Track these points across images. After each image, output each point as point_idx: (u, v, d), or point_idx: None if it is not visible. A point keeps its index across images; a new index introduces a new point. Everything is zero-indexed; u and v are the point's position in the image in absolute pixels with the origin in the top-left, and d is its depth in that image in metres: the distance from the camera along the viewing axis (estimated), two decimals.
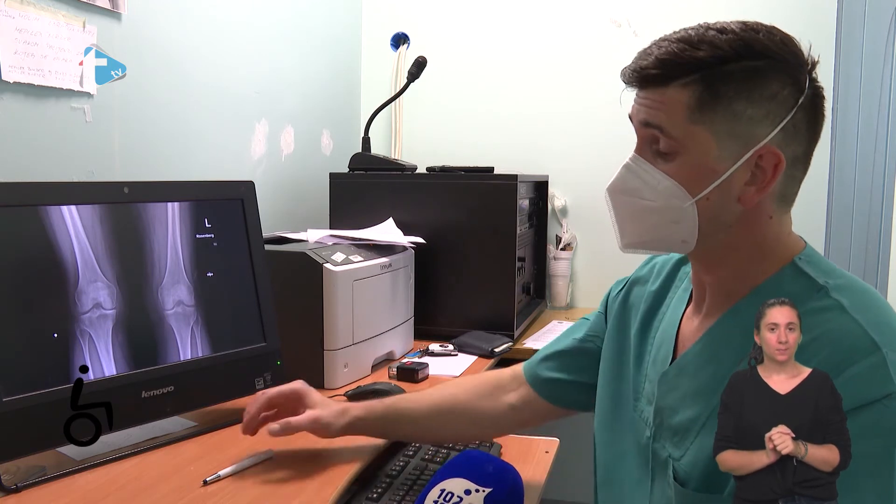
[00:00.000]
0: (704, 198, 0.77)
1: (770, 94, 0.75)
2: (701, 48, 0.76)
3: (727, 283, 0.82)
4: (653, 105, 0.78)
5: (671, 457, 0.82)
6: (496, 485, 0.82)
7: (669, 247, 0.83)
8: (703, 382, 0.81)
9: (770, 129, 0.75)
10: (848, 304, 0.73)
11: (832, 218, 2.24)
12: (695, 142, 0.76)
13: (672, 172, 0.78)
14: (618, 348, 0.98)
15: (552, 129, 2.42)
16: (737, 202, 0.78)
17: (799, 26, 2.65)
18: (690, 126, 0.76)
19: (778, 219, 0.81)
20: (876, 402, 0.67)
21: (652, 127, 0.79)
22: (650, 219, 0.80)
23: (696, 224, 0.78)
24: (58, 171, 1.30)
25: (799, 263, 0.79)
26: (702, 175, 0.77)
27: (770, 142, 0.75)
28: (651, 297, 0.96)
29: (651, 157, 0.80)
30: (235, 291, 1.26)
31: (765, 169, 0.76)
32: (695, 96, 0.75)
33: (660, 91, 0.77)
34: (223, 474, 1.01)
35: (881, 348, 0.69)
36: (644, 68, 0.78)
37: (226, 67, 1.78)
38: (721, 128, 0.75)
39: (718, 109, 0.75)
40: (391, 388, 1.37)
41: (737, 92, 0.75)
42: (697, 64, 0.75)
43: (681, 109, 0.76)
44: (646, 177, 0.79)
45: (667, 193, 0.78)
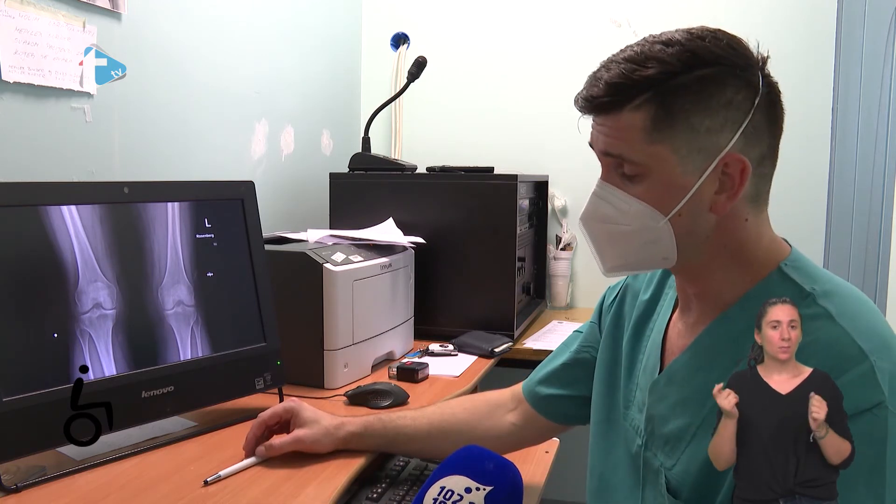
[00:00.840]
0: (676, 214, 0.77)
1: (725, 101, 0.75)
2: (648, 66, 0.74)
3: (713, 293, 0.82)
4: (610, 133, 0.78)
5: (663, 466, 0.82)
6: (497, 483, 0.81)
7: (652, 265, 0.84)
8: (694, 391, 0.81)
9: (730, 135, 0.75)
10: (835, 312, 0.73)
11: (832, 218, 2.24)
12: (658, 161, 0.76)
13: (641, 195, 0.77)
14: (611, 357, 0.98)
15: (552, 129, 2.42)
16: (709, 212, 0.78)
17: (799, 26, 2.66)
18: (650, 147, 0.75)
19: (754, 220, 0.80)
20: (866, 412, 0.66)
21: (612, 156, 0.79)
22: (627, 242, 0.80)
23: (673, 241, 0.78)
24: (58, 171, 1.30)
25: (785, 269, 0.79)
26: (671, 193, 0.76)
27: (732, 148, 0.75)
28: (642, 306, 0.96)
29: (619, 182, 0.79)
30: (235, 291, 1.26)
31: (731, 175, 0.76)
32: (650, 116, 0.74)
33: (614, 117, 0.77)
34: (224, 474, 1.01)
35: (869, 356, 0.68)
36: (595, 97, 0.77)
37: (226, 67, 1.78)
38: (681, 144, 0.75)
39: (676, 125, 0.74)
40: (391, 388, 1.36)
41: (692, 104, 0.74)
42: (647, 83, 0.74)
43: (637, 133, 0.75)
44: (616, 202, 0.79)
45: (639, 216, 0.78)
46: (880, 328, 0.73)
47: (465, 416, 1.12)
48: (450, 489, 0.80)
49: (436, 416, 1.11)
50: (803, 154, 2.23)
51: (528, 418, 1.09)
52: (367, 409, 1.33)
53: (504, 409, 1.12)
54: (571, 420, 1.08)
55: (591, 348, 1.04)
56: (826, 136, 2.23)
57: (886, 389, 0.67)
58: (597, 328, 1.04)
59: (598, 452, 0.97)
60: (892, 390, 0.67)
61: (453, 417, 1.12)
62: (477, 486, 0.80)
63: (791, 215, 2.23)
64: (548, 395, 1.08)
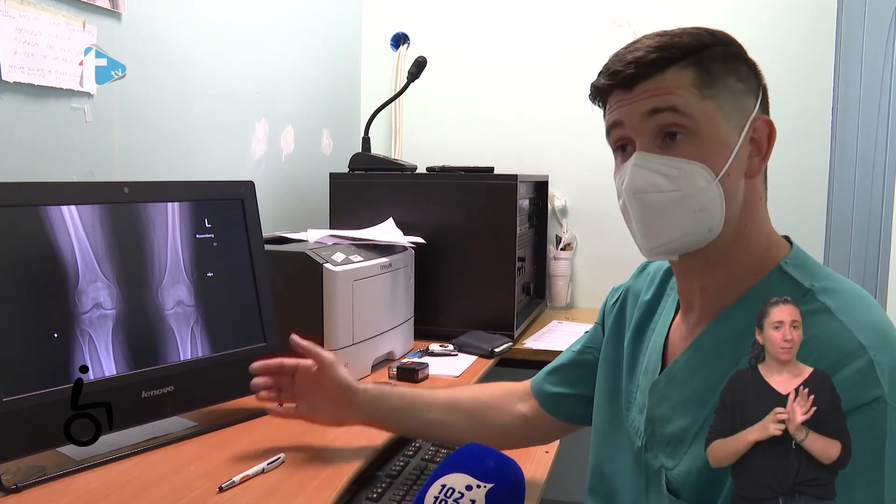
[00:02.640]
0: (726, 174, 0.77)
1: (746, 72, 0.80)
2: (683, 38, 0.78)
3: (717, 289, 0.82)
4: (658, 91, 0.77)
5: (664, 467, 0.82)
6: (498, 480, 0.81)
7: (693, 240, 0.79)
8: (694, 392, 0.81)
9: (754, 101, 0.79)
10: (834, 307, 0.73)
11: (832, 218, 2.24)
12: (707, 118, 0.76)
13: (691, 154, 0.76)
14: (613, 358, 0.98)
15: (552, 129, 2.42)
16: (744, 177, 0.79)
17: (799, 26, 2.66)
18: (702, 102, 0.76)
19: (764, 205, 0.83)
20: (864, 406, 0.66)
21: (662, 111, 0.76)
22: (676, 211, 0.77)
23: (723, 206, 0.77)
24: (58, 171, 1.30)
25: (785, 267, 0.79)
26: (719, 151, 0.77)
27: (758, 112, 0.80)
28: (644, 307, 0.96)
29: (660, 149, 0.77)
30: (235, 291, 1.26)
31: (758, 140, 0.79)
32: (696, 75, 0.77)
33: (659, 78, 0.77)
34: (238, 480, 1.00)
35: (868, 351, 0.68)
36: (638, 59, 0.77)
37: (226, 67, 1.78)
38: (724, 101, 0.77)
39: (717, 85, 0.77)
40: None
41: (726, 69, 0.78)
42: (687, 48, 0.78)
43: (689, 88, 0.76)
44: (662, 168, 0.77)
45: (690, 177, 0.76)
46: (880, 323, 0.72)
47: (481, 397, 1.13)
48: (451, 487, 0.80)
49: (452, 393, 1.13)
50: (803, 154, 2.23)
51: (537, 413, 1.10)
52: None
53: (516, 398, 1.12)
54: (577, 420, 1.08)
55: (595, 350, 1.04)
56: (826, 136, 2.23)
57: (886, 384, 0.67)
58: (600, 329, 1.04)
59: (601, 453, 0.97)
60: (891, 385, 0.67)
61: (468, 393, 1.14)
62: (478, 483, 0.80)
63: (791, 215, 2.24)
64: (553, 392, 1.08)
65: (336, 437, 1.17)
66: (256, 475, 1.02)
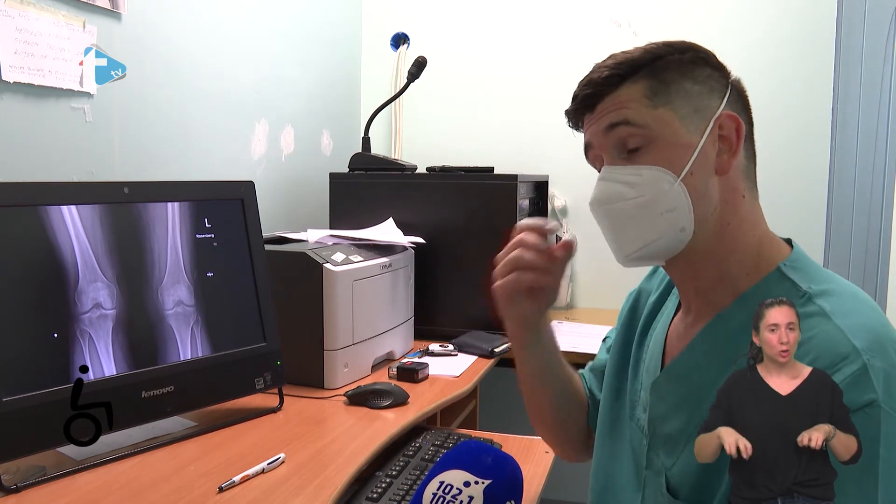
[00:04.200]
0: (688, 173, 0.78)
1: (706, 74, 0.81)
2: (635, 54, 0.81)
3: (713, 288, 0.82)
4: (611, 108, 0.81)
5: (663, 465, 0.82)
6: (495, 476, 0.81)
7: (668, 242, 0.80)
8: (691, 391, 0.81)
9: (719, 100, 0.80)
10: (830, 310, 0.72)
11: (832, 218, 2.24)
12: (662, 124, 0.79)
13: (651, 160, 0.79)
14: (621, 357, 0.98)
15: (552, 129, 2.41)
16: (715, 175, 0.79)
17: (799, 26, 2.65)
18: (653, 111, 0.79)
19: (750, 201, 0.82)
20: (858, 411, 0.66)
21: (617, 125, 0.80)
22: (643, 216, 0.79)
23: (689, 205, 0.78)
24: (58, 171, 1.30)
25: (784, 270, 0.79)
26: (679, 153, 0.78)
27: (724, 109, 0.80)
28: (651, 306, 0.96)
29: (624, 161, 0.81)
30: (235, 291, 1.26)
31: (727, 137, 0.80)
32: (648, 86, 0.79)
33: (614, 94, 0.81)
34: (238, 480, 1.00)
35: (862, 355, 0.68)
36: (594, 80, 0.82)
37: (226, 67, 1.78)
38: (680, 105, 0.79)
39: (671, 91, 0.79)
40: (391, 388, 1.36)
41: (681, 75, 0.80)
42: (639, 63, 0.81)
43: (640, 99, 0.79)
44: (625, 178, 0.80)
45: (653, 182, 0.78)
46: (877, 327, 0.72)
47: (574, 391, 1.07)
48: (449, 483, 0.80)
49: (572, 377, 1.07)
50: (803, 154, 2.23)
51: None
52: (367, 409, 1.33)
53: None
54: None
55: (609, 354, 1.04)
56: (826, 136, 2.23)
57: (880, 388, 0.67)
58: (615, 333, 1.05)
59: (603, 452, 0.97)
60: (885, 389, 0.67)
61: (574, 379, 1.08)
62: (476, 479, 0.80)
63: (791, 215, 2.24)
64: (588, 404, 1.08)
65: (336, 437, 1.17)
66: (256, 475, 1.02)
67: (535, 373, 1.03)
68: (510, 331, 1.03)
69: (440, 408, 1.41)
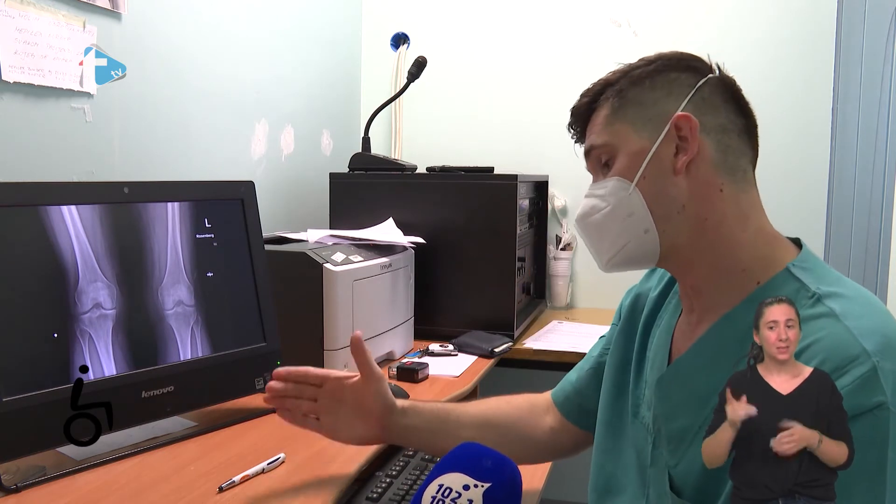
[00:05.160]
0: (641, 178, 0.82)
1: (669, 79, 0.84)
2: (606, 76, 0.88)
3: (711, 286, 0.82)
4: (588, 133, 0.89)
5: (667, 464, 0.82)
6: (495, 479, 0.80)
7: (639, 245, 0.84)
8: (696, 390, 0.80)
9: (678, 102, 0.83)
10: (839, 311, 0.72)
11: (832, 218, 2.24)
12: (618, 137, 0.85)
13: (613, 172, 0.85)
14: (622, 356, 0.98)
15: (552, 129, 2.40)
16: (674, 175, 0.82)
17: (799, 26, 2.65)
18: (611, 128, 0.85)
19: (733, 195, 0.82)
20: (867, 413, 0.66)
21: (589, 151, 0.89)
22: (611, 223, 0.86)
23: (645, 207, 0.82)
24: (58, 171, 1.30)
25: (793, 270, 0.79)
26: (633, 160, 0.83)
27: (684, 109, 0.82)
28: (651, 304, 0.96)
29: (600, 176, 0.88)
30: (235, 291, 1.26)
31: (685, 136, 0.82)
32: (611, 106, 0.86)
33: (590, 122, 0.89)
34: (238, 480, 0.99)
35: (872, 357, 0.67)
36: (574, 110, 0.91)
37: (226, 67, 1.78)
38: (635, 118, 0.84)
39: (629, 106, 0.85)
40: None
41: (640, 87, 0.85)
42: (608, 83, 0.87)
43: (602, 121, 0.86)
44: (598, 192, 0.87)
45: (613, 191, 0.84)
46: (887, 329, 0.72)
47: (508, 409, 1.10)
48: (448, 487, 0.80)
49: (483, 408, 1.10)
50: (803, 154, 2.23)
51: (562, 425, 1.09)
52: None
53: (542, 409, 1.11)
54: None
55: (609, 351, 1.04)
56: (826, 136, 2.23)
57: (889, 391, 0.66)
58: (615, 330, 1.04)
59: (606, 451, 0.97)
60: (894, 392, 0.67)
61: (499, 410, 1.10)
62: (475, 483, 0.80)
63: (791, 215, 2.23)
64: (573, 400, 1.07)
65: None
66: (256, 475, 1.02)
67: (423, 442, 1.08)
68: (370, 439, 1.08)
69: None
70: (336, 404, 1.04)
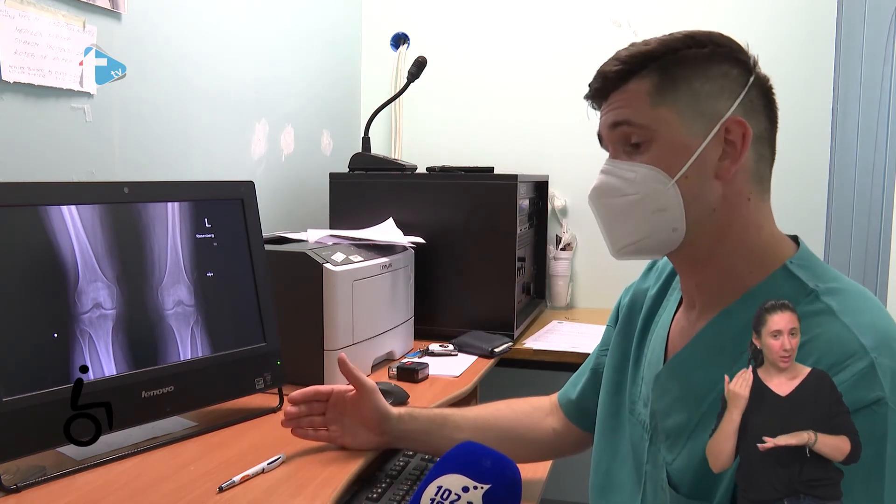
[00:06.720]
0: (683, 176, 0.78)
1: (722, 72, 0.79)
2: (650, 44, 0.80)
3: (716, 285, 0.82)
4: (617, 105, 0.81)
5: (665, 460, 0.82)
6: (494, 480, 0.80)
7: (661, 239, 0.81)
8: (693, 386, 0.80)
9: (730, 103, 0.78)
10: (837, 308, 0.72)
11: (832, 218, 2.23)
12: (663, 124, 0.79)
13: (648, 160, 0.79)
14: (621, 354, 0.98)
15: (552, 129, 2.42)
16: (714, 179, 0.79)
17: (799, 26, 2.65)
18: (654, 110, 0.79)
19: (756, 203, 0.81)
20: (865, 408, 0.66)
21: (620, 124, 0.81)
22: (635, 213, 0.81)
23: (681, 206, 0.78)
24: (58, 171, 1.30)
25: (790, 267, 0.79)
26: (676, 154, 0.78)
27: (733, 114, 0.78)
28: (650, 301, 0.96)
29: (626, 157, 0.82)
30: (235, 291, 1.26)
31: (733, 142, 0.78)
32: (654, 82, 0.79)
33: (621, 90, 0.81)
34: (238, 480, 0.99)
35: (869, 352, 0.68)
36: (606, 72, 0.82)
37: (226, 67, 1.78)
38: (685, 106, 0.78)
39: (679, 89, 0.78)
40: (391, 388, 1.36)
41: (692, 72, 0.79)
42: (651, 55, 0.80)
43: (643, 97, 0.79)
44: (623, 174, 0.81)
45: (647, 181, 0.79)
46: (883, 325, 0.72)
47: (508, 412, 1.12)
48: (447, 488, 0.79)
49: (482, 412, 1.13)
50: (803, 154, 2.23)
51: (565, 426, 1.10)
52: None
53: (544, 412, 1.12)
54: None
55: (608, 351, 1.04)
56: (826, 136, 2.23)
57: (887, 386, 0.66)
58: (612, 330, 1.04)
59: (604, 449, 0.97)
60: (893, 387, 0.67)
61: (498, 413, 1.12)
62: (475, 484, 0.79)
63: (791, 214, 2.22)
64: (576, 401, 1.08)
65: None
66: (256, 475, 1.02)
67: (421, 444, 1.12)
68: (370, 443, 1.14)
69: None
70: (340, 415, 1.13)
